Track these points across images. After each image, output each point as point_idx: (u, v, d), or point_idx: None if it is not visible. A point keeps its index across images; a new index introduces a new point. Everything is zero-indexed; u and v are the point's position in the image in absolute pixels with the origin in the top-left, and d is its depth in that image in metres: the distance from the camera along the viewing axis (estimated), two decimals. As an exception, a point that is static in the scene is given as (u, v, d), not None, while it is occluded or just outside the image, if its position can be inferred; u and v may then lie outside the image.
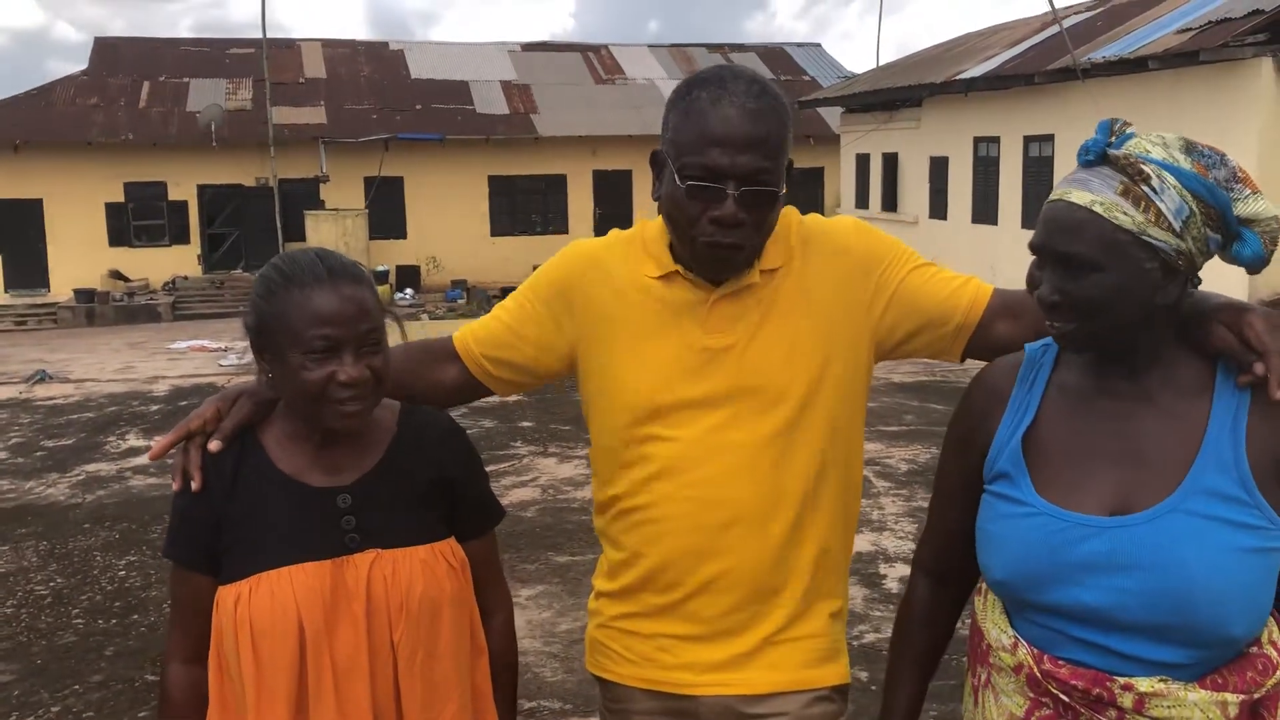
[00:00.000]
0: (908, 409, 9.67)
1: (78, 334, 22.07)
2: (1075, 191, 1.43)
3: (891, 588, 5.29)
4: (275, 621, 1.60)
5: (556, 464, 7.93)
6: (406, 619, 1.64)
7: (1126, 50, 16.10)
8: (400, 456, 1.72)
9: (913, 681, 1.73)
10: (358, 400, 1.62)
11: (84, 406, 11.52)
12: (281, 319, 1.61)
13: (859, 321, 1.82)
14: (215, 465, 1.68)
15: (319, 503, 1.67)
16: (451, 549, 1.73)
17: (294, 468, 1.68)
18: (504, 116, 29.47)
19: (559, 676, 4.35)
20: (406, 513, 1.70)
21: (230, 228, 27.88)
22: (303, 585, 1.61)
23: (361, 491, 1.68)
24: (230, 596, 1.63)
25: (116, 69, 29.10)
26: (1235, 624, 1.41)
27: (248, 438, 1.70)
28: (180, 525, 1.70)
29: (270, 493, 1.67)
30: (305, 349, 1.59)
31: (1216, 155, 1.43)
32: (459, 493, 1.77)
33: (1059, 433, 1.54)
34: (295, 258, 1.68)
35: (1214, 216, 1.41)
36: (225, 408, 1.71)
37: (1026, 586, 1.50)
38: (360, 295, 1.63)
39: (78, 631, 5.05)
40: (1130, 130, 1.46)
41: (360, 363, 1.61)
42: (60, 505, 7.33)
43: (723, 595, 1.80)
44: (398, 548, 1.67)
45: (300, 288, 1.61)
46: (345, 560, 1.64)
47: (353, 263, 1.69)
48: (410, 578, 1.65)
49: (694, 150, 1.68)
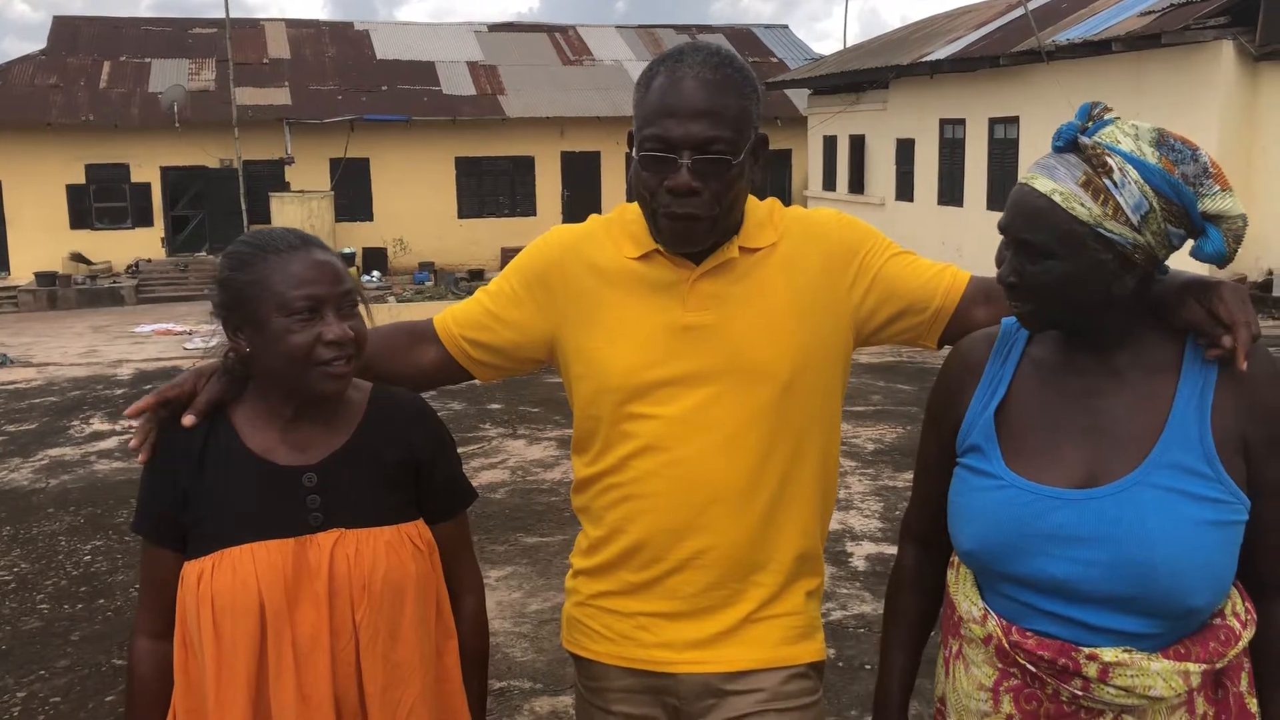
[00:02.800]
0: (874, 389, 9.73)
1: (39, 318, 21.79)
2: (1040, 178, 1.45)
3: (859, 566, 5.33)
4: (236, 598, 1.60)
5: (526, 446, 7.92)
6: (369, 599, 1.64)
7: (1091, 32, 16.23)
8: (369, 437, 1.72)
9: (906, 647, 1.76)
10: (343, 361, 1.63)
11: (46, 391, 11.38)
12: (262, 285, 1.62)
13: (840, 305, 1.84)
14: (184, 441, 1.68)
15: (284, 481, 1.67)
16: (419, 531, 1.73)
17: (262, 446, 1.68)
18: (471, 98, 29.31)
19: (529, 656, 4.37)
20: (373, 493, 1.70)
21: (194, 210, 27.60)
22: (264, 563, 1.61)
23: (327, 471, 1.68)
24: (194, 572, 1.63)
25: (76, 48, 28.70)
26: (1197, 595, 1.44)
27: (218, 416, 1.71)
28: (148, 500, 1.71)
29: (236, 470, 1.67)
30: (289, 311, 1.61)
31: (1188, 150, 1.43)
32: (428, 474, 1.77)
33: (1030, 407, 1.56)
34: (264, 231, 1.70)
35: (1177, 213, 1.43)
36: (201, 383, 1.72)
37: (995, 557, 1.52)
38: (333, 260, 1.67)
39: (43, 617, 5.00)
40: (1109, 117, 1.47)
41: (343, 323, 1.63)
42: (23, 490, 7.25)
43: (702, 572, 1.81)
44: (362, 528, 1.67)
45: (276, 254, 1.64)
46: (308, 539, 1.64)
47: (315, 235, 1.73)
48: (374, 558, 1.65)
49: (650, 122, 1.70)
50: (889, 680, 1.76)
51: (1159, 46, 14.66)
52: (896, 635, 1.77)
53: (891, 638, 1.78)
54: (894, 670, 1.76)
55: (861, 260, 1.85)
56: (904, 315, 1.86)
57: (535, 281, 1.90)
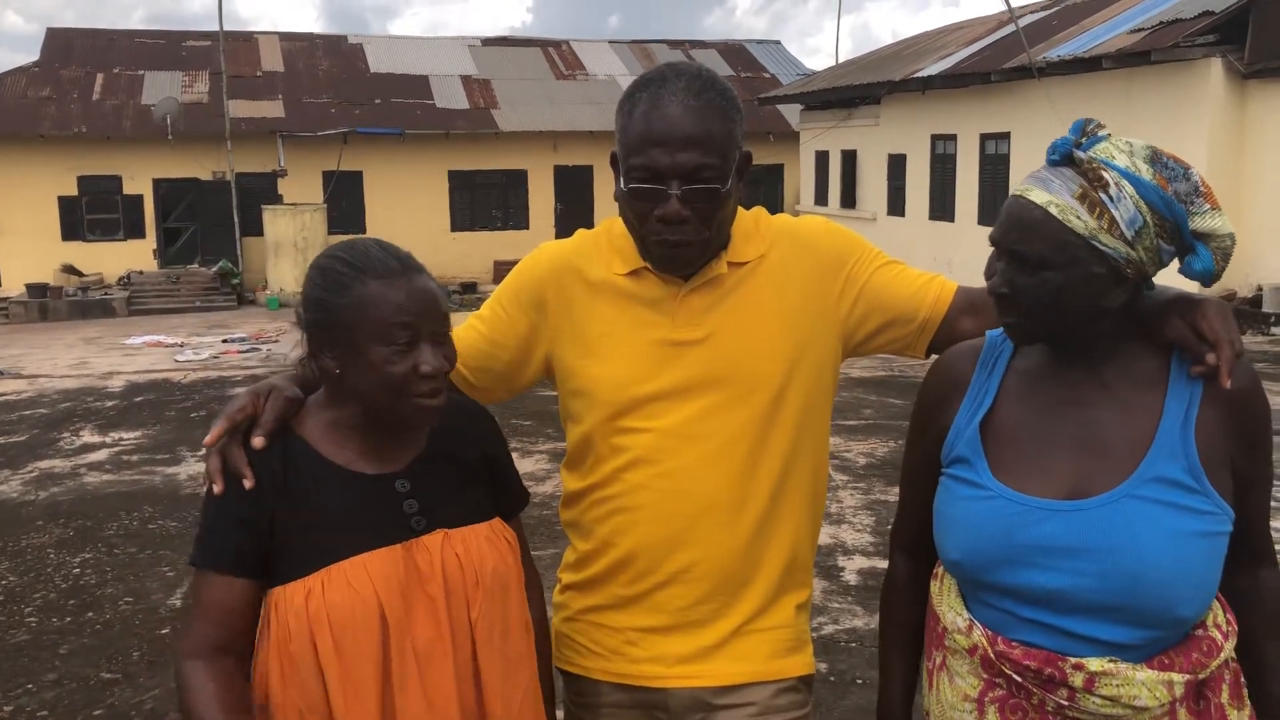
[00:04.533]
0: (866, 403, 9.74)
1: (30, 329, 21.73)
2: (1035, 190, 1.46)
3: (850, 580, 5.33)
4: (355, 612, 1.56)
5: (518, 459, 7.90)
6: (484, 596, 1.65)
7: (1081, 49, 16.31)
8: (443, 439, 1.72)
9: (904, 657, 1.76)
10: (437, 392, 1.61)
11: (37, 403, 11.35)
12: (359, 311, 1.58)
13: (828, 316, 1.84)
14: (261, 462, 1.61)
15: (378, 489, 1.65)
16: (504, 527, 1.75)
17: (344, 458, 1.65)
18: (464, 111, 29.34)
19: (520, 670, 4.37)
20: (462, 492, 1.71)
21: (186, 222, 27.56)
22: (378, 573, 1.59)
23: (416, 475, 1.68)
24: (298, 594, 1.57)
25: (69, 60, 28.68)
26: (1183, 606, 1.45)
27: (287, 433, 1.66)
28: (224, 530, 1.60)
29: (324, 485, 1.63)
30: (389, 341, 1.57)
31: (1180, 168, 1.45)
32: (500, 470, 1.80)
33: (1016, 419, 1.57)
34: (359, 249, 1.64)
35: (1169, 229, 1.44)
36: (261, 402, 1.66)
37: (982, 567, 1.53)
38: (431, 285, 1.63)
39: (31, 630, 4.98)
40: (1103, 133, 1.48)
41: (438, 353, 1.61)
42: (12, 502, 7.23)
43: (692, 586, 1.81)
44: (461, 526, 1.68)
45: (376, 279, 1.59)
46: (415, 543, 1.63)
47: (410, 254, 1.67)
48: (480, 554, 1.67)
49: (637, 152, 1.69)
50: (891, 691, 1.77)
51: (1149, 64, 14.74)
52: (894, 646, 1.77)
53: (889, 648, 1.78)
54: (895, 680, 1.76)
55: (850, 270, 1.85)
56: (891, 325, 1.86)
57: (528, 301, 1.90)
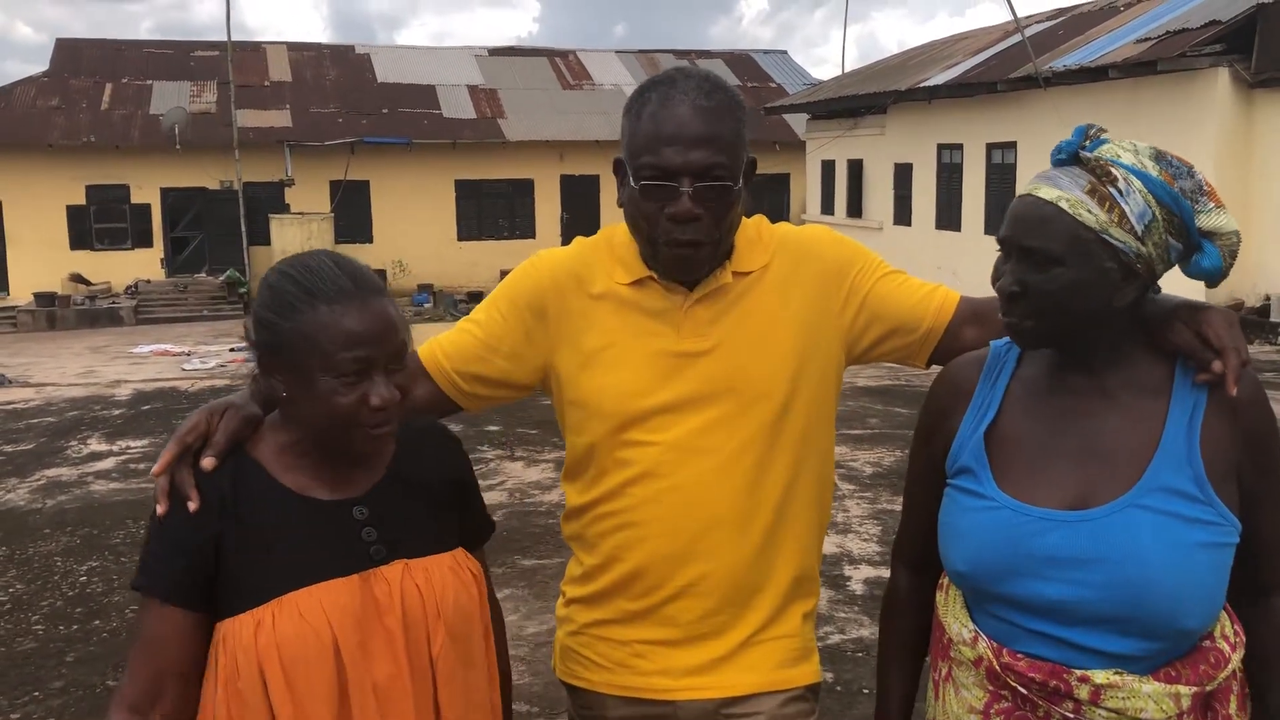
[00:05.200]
0: (872, 412, 9.73)
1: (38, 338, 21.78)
2: (1044, 187, 1.47)
3: (857, 589, 5.32)
4: (308, 645, 1.48)
5: (524, 468, 7.92)
6: (445, 630, 1.56)
7: (1087, 59, 16.32)
8: (406, 464, 1.64)
9: (903, 671, 1.76)
10: (388, 422, 1.53)
11: (44, 411, 11.37)
12: (309, 340, 1.48)
13: (831, 325, 1.84)
14: (210, 484, 1.53)
15: (334, 516, 1.56)
16: (467, 558, 1.66)
17: (298, 483, 1.57)
18: (471, 121, 29.41)
19: (525, 680, 4.36)
20: (424, 520, 1.62)
21: (194, 231, 27.64)
22: (333, 604, 1.50)
23: (376, 502, 1.59)
24: (246, 626, 1.49)
25: (78, 70, 28.80)
26: (1189, 617, 1.44)
27: (240, 453, 1.57)
28: (166, 554, 1.52)
29: (277, 510, 1.54)
30: (338, 372, 1.48)
31: (1185, 167, 1.46)
32: (466, 498, 1.72)
33: (1021, 428, 1.56)
34: (312, 267, 1.53)
35: (1177, 225, 1.45)
36: (215, 421, 1.59)
37: (987, 579, 1.52)
38: (387, 310, 1.53)
39: (37, 638, 4.99)
40: (1105, 136, 1.49)
41: (390, 382, 1.52)
42: (20, 510, 7.23)
43: (701, 599, 1.80)
44: (423, 556, 1.59)
45: (328, 304, 1.49)
46: (373, 573, 1.54)
47: (369, 270, 1.58)
48: (443, 586, 1.58)
49: (648, 150, 1.69)
50: (888, 705, 1.76)
51: (1155, 73, 14.74)
52: (893, 659, 1.77)
53: (888, 662, 1.78)
54: (893, 695, 1.76)
55: (852, 280, 1.85)
56: (894, 335, 1.86)
57: (526, 308, 1.86)
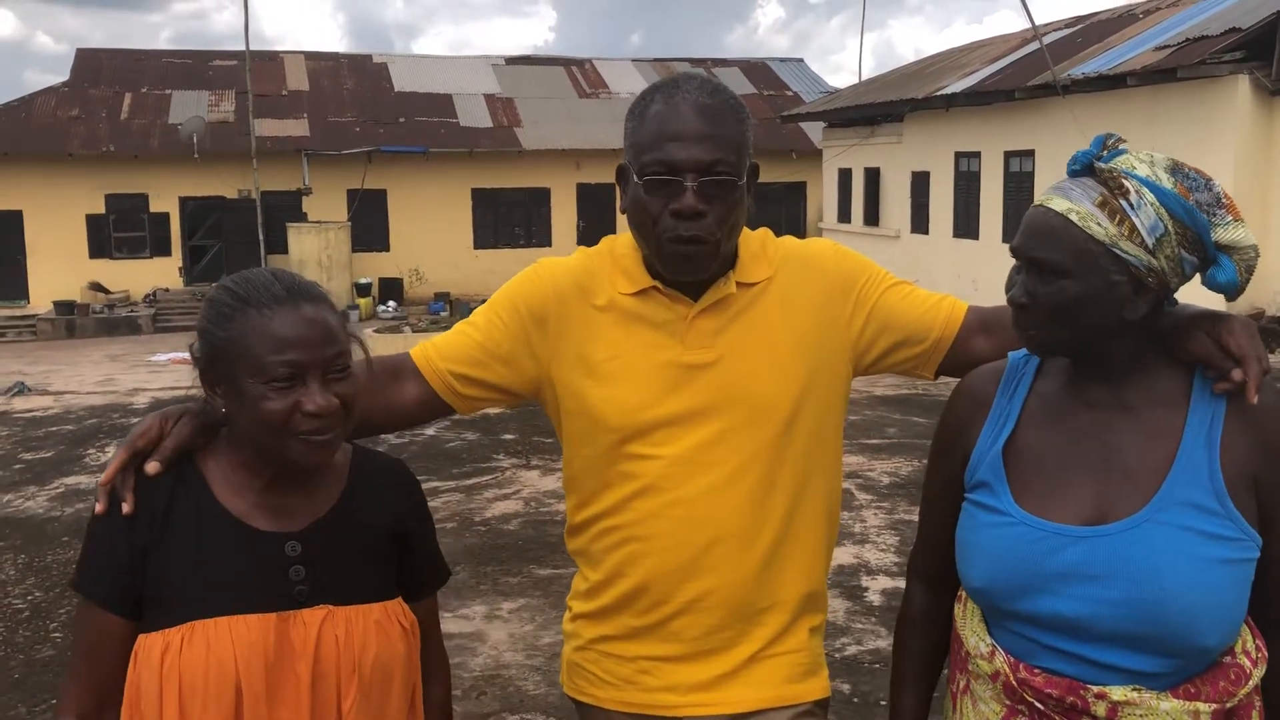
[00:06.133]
0: (890, 422, 9.70)
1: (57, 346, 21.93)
2: (1055, 199, 1.47)
3: (874, 600, 5.30)
4: (209, 680, 1.43)
5: (539, 476, 7.92)
6: (359, 685, 1.49)
7: (1105, 67, 16.24)
8: (354, 504, 1.58)
9: (917, 688, 1.74)
10: (325, 431, 1.47)
11: (63, 419, 11.44)
12: (238, 345, 1.45)
13: (838, 338, 1.83)
14: (148, 492, 1.49)
15: (264, 548, 1.51)
16: (403, 610, 1.59)
17: (238, 507, 1.52)
18: (487, 130, 29.48)
19: (541, 690, 4.35)
20: (361, 567, 1.56)
21: (212, 240, 27.76)
22: (243, 640, 1.45)
23: (312, 539, 1.53)
24: (156, 646, 1.45)
25: (98, 80, 28.99)
26: (1208, 634, 1.42)
27: (186, 466, 1.53)
28: (97, 555, 1.50)
29: (209, 531, 1.50)
30: (267, 378, 1.44)
31: (1202, 179, 1.44)
32: (412, 546, 1.65)
33: (1038, 442, 1.55)
34: (249, 277, 1.52)
35: (1191, 239, 1.43)
36: (168, 426, 1.56)
37: (1004, 595, 1.51)
38: (324, 316, 1.49)
39: (56, 645, 5.01)
40: (1123, 147, 1.48)
41: (328, 390, 1.46)
42: (39, 518, 7.28)
43: (706, 614, 1.78)
44: (349, 604, 1.52)
45: (258, 309, 1.46)
46: (292, 615, 1.49)
47: (312, 282, 1.54)
48: (364, 639, 1.51)
49: (652, 148, 1.70)
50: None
51: (1174, 81, 14.66)
52: (908, 674, 1.76)
53: (903, 676, 1.76)
54: (906, 711, 1.75)
55: (859, 292, 1.84)
56: (902, 346, 1.85)
57: (528, 316, 1.83)
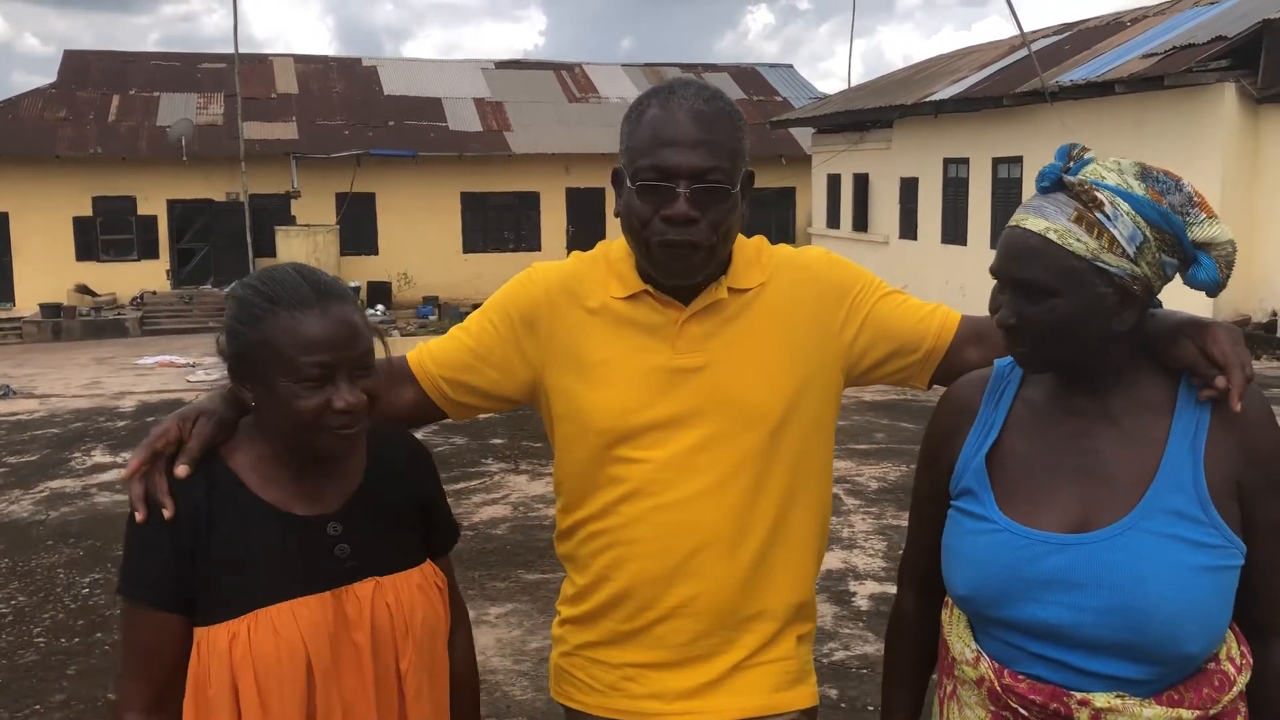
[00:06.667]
0: (878, 427, 9.71)
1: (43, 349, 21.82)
2: (1030, 218, 1.46)
3: (861, 605, 5.30)
4: (283, 661, 1.52)
5: (528, 481, 7.90)
6: (414, 647, 1.61)
7: (1093, 74, 16.32)
8: (378, 481, 1.67)
9: (909, 692, 1.74)
10: (353, 424, 1.55)
11: (49, 422, 11.38)
12: (270, 346, 1.52)
13: (830, 347, 1.83)
14: (185, 493, 1.56)
15: (309, 532, 1.59)
16: (434, 570, 1.70)
17: (276, 497, 1.60)
18: (477, 134, 29.48)
19: (528, 695, 4.34)
20: (395, 537, 1.66)
21: (200, 243, 27.71)
22: (306, 620, 1.54)
23: (349, 518, 1.62)
24: (222, 637, 1.53)
25: (86, 82, 28.91)
26: (1191, 641, 1.43)
27: (214, 464, 1.60)
28: (147, 560, 1.56)
29: (253, 523, 1.58)
30: (299, 378, 1.51)
31: (1171, 181, 1.45)
32: (432, 512, 1.75)
33: (1023, 450, 1.55)
34: (275, 277, 1.57)
35: (1169, 241, 1.44)
36: (188, 428, 1.60)
37: (988, 602, 1.51)
38: (350, 316, 1.56)
39: (39, 650, 4.98)
40: (1088, 156, 1.48)
41: (355, 387, 1.55)
42: (23, 522, 7.23)
43: (691, 621, 1.78)
44: (392, 573, 1.63)
45: (288, 311, 1.52)
46: (344, 590, 1.58)
47: (335, 279, 1.61)
48: (411, 603, 1.62)
49: (646, 153, 1.70)
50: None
51: (1162, 89, 14.73)
52: (900, 679, 1.76)
53: (895, 682, 1.76)
54: (898, 716, 1.75)
55: (852, 301, 1.84)
56: (896, 356, 1.85)
57: (519, 320, 1.85)
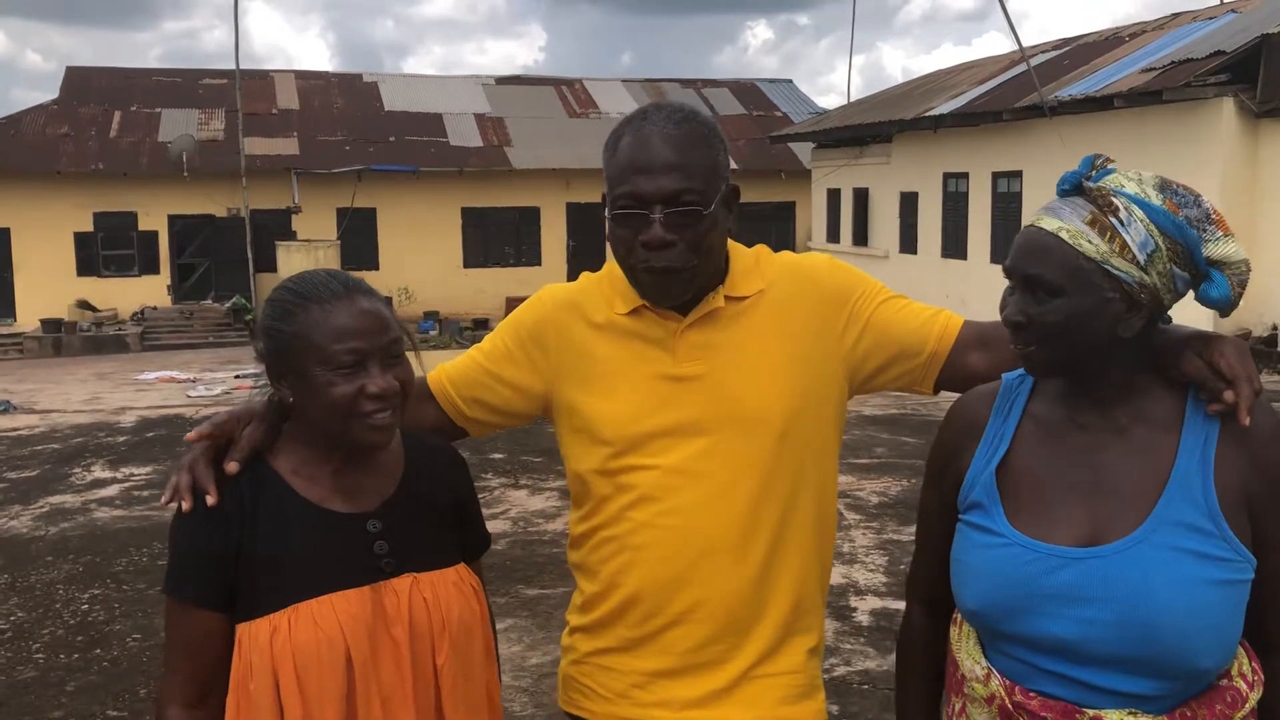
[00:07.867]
0: (879, 441, 9.69)
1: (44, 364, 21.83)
2: (1046, 218, 1.48)
3: (862, 620, 5.28)
4: (322, 652, 1.57)
5: (528, 496, 7.89)
6: (449, 642, 1.65)
7: (1092, 89, 16.37)
8: (416, 481, 1.73)
9: (923, 706, 1.73)
10: (387, 412, 1.61)
11: (49, 438, 11.37)
12: (304, 338, 1.60)
13: (833, 352, 1.84)
14: (231, 490, 1.62)
15: (348, 529, 1.65)
16: (469, 573, 1.75)
17: (316, 495, 1.66)
18: (477, 149, 29.56)
19: (529, 711, 4.32)
20: (432, 536, 1.71)
21: (200, 258, 27.75)
22: (345, 613, 1.59)
23: (388, 516, 1.68)
24: (263, 631, 1.58)
25: (87, 98, 29.01)
26: (1203, 656, 1.42)
27: (259, 465, 1.66)
28: (191, 558, 1.62)
29: (294, 520, 1.63)
30: (333, 365, 1.58)
31: (1190, 195, 1.45)
32: (467, 515, 1.80)
33: (1032, 464, 1.55)
34: (306, 277, 1.66)
35: (1181, 254, 1.43)
36: (240, 428, 1.67)
37: (998, 617, 1.50)
38: (378, 307, 1.64)
39: (38, 666, 4.96)
40: (1111, 166, 1.49)
41: (386, 374, 1.61)
42: (23, 538, 7.21)
43: (698, 626, 1.79)
44: (429, 571, 1.68)
45: (319, 304, 1.61)
46: (383, 585, 1.64)
47: (363, 281, 1.69)
48: (448, 600, 1.67)
49: (621, 181, 1.73)
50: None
51: (1160, 103, 14.77)
52: (913, 694, 1.74)
53: (908, 698, 1.75)
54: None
55: (853, 306, 1.85)
56: (898, 361, 1.86)
57: (529, 338, 1.91)
